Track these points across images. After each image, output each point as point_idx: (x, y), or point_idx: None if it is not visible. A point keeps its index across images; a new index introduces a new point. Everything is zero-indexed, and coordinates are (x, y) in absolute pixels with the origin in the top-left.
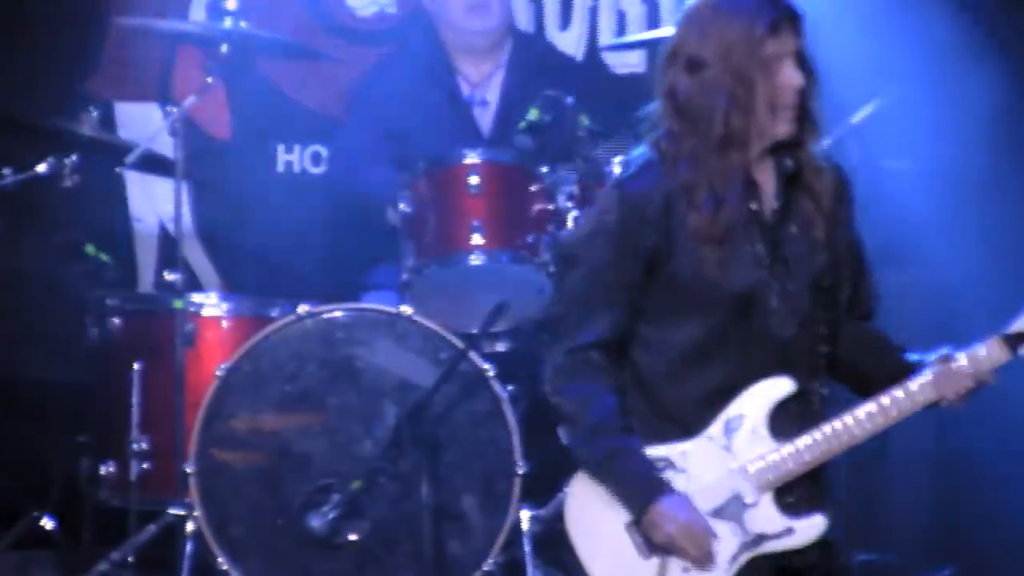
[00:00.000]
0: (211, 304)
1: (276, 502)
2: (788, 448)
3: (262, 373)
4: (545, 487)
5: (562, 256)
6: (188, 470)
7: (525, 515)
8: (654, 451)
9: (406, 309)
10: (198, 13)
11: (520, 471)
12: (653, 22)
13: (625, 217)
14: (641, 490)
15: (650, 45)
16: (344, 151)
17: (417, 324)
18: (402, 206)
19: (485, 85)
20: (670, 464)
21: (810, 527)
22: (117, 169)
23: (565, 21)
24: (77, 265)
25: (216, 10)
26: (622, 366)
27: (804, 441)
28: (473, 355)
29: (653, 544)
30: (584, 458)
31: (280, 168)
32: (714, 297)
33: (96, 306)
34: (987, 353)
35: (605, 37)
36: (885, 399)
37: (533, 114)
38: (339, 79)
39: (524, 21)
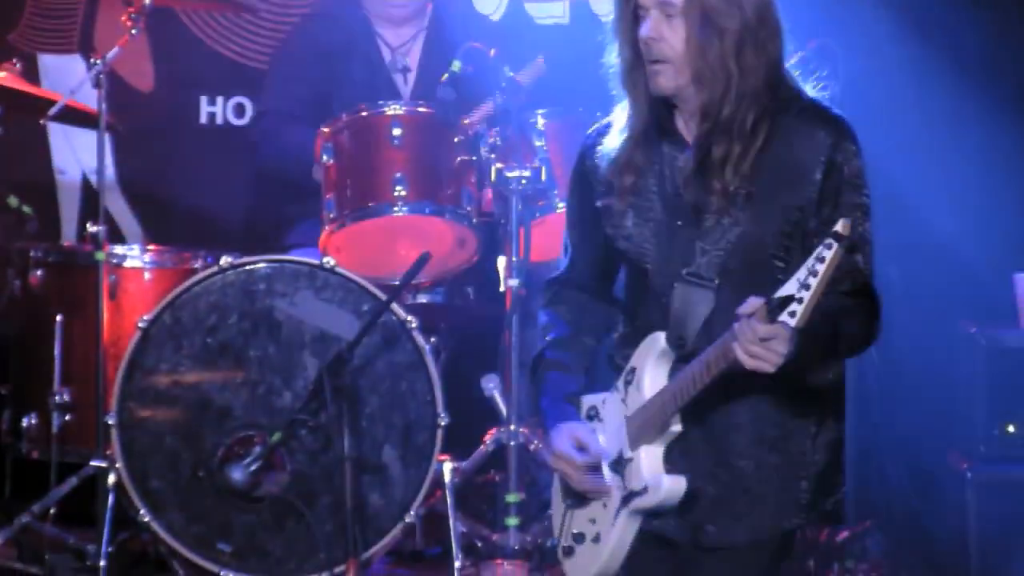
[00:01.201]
0: (133, 256)
1: (196, 454)
2: (648, 401)
3: (183, 325)
4: (466, 439)
5: None
6: (109, 422)
7: (447, 467)
8: (592, 399)
9: (328, 260)
10: None
11: (442, 423)
12: None
13: (576, 165)
14: (547, 425)
15: None
16: (267, 113)
17: (339, 276)
18: (324, 158)
19: (406, 50)
20: (596, 412)
21: (660, 490)
22: (40, 121)
23: None
24: None
25: None
26: (610, 302)
27: (656, 395)
28: (395, 306)
29: (566, 487)
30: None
31: (203, 120)
32: (618, 250)
33: (18, 258)
34: (758, 314)
35: None
36: (703, 358)
37: (455, 65)
38: (261, 31)
39: None
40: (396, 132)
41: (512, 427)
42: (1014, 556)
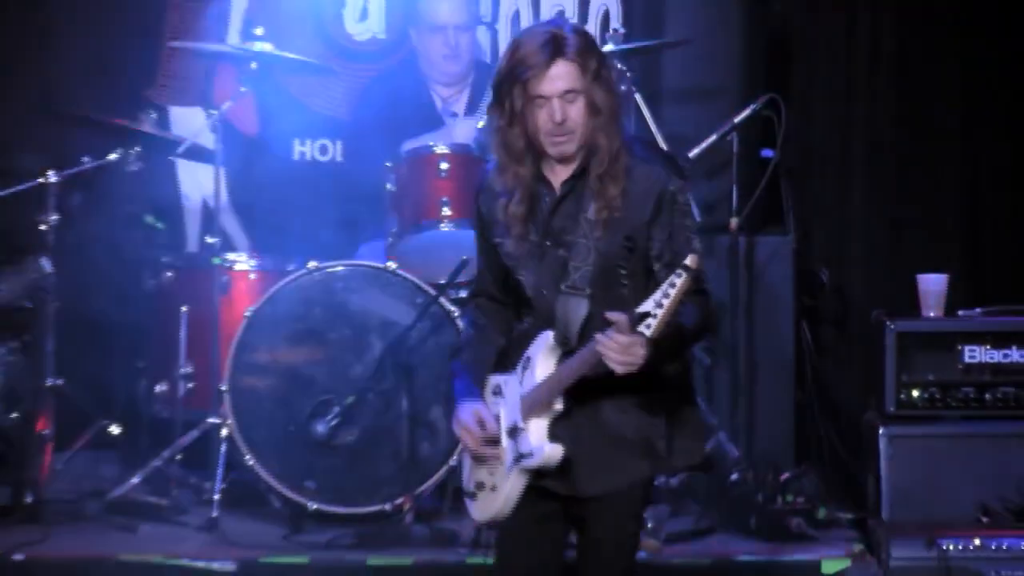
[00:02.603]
0: (241, 261)
1: (288, 413)
2: (538, 384)
3: (279, 315)
4: None
5: None
6: (222, 388)
7: None
8: (496, 379)
9: (391, 264)
10: (234, 38)
11: None
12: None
13: (475, 202)
14: (456, 399)
15: None
16: (353, 145)
17: (399, 276)
18: (389, 186)
19: (454, 102)
20: (500, 389)
21: (542, 454)
22: (170, 157)
23: None
24: (139, 231)
25: (248, 35)
26: (506, 306)
27: (544, 380)
28: (442, 300)
29: None
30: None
31: (295, 156)
32: (514, 265)
33: (153, 263)
34: (621, 325)
35: None
36: (581, 353)
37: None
38: (340, 88)
39: (485, 44)
40: (443, 166)
41: None
42: (915, 492)
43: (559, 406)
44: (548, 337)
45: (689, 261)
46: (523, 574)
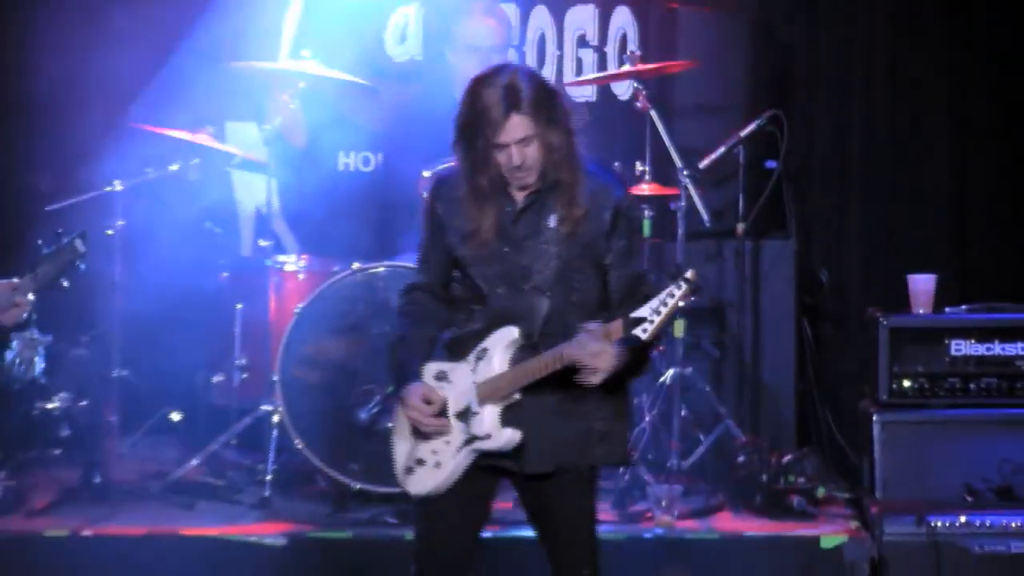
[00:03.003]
0: (290, 263)
1: (334, 401)
2: (499, 375)
3: (325, 311)
4: None
5: None
6: (274, 379)
7: None
8: (440, 366)
9: None
10: (284, 59)
11: None
12: (601, 67)
13: (429, 205)
14: (400, 385)
15: (598, 82)
16: (393, 158)
17: None
18: (425, 195)
19: None
20: (445, 375)
21: (502, 437)
22: (226, 168)
23: (540, 65)
24: (198, 236)
25: (297, 56)
26: (446, 302)
27: (507, 371)
28: None
29: (416, 429)
30: (390, 365)
31: (340, 167)
32: (473, 268)
33: (211, 264)
34: (615, 328)
35: (568, 76)
36: (551, 353)
37: None
38: (381, 105)
39: None
40: None
41: None
42: (905, 473)
43: (517, 396)
44: (511, 332)
45: (689, 274)
46: (445, 546)
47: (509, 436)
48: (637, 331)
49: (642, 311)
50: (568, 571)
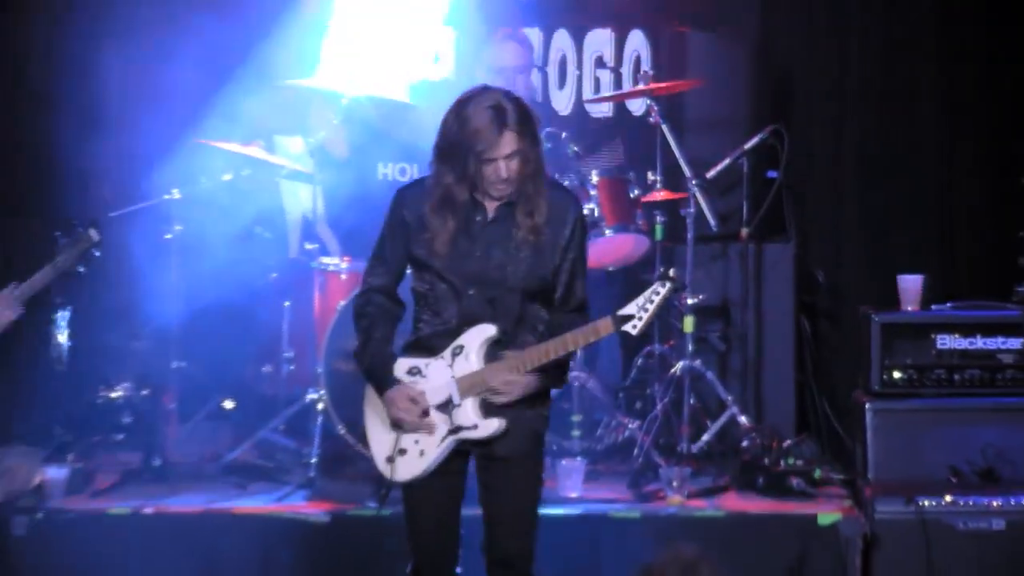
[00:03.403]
0: (334, 264)
1: None
2: (479, 370)
3: None
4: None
5: None
6: (318, 370)
7: None
8: (412, 362)
9: None
10: (326, 77)
11: None
12: (617, 85)
13: (394, 212)
14: (379, 385)
15: (615, 99)
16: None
17: None
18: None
19: None
20: (419, 370)
21: (488, 426)
22: (275, 178)
23: (561, 84)
24: (249, 239)
25: (339, 75)
26: (399, 304)
27: (488, 366)
28: None
29: (396, 423)
30: (361, 363)
31: (379, 177)
32: (445, 271)
33: (261, 265)
34: (604, 325)
35: (587, 93)
36: (539, 347)
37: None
38: (417, 120)
39: (537, 84)
40: None
41: (575, 373)
42: (896, 457)
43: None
44: (488, 329)
45: (672, 274)
46: (432, 518)
47: (497, 425)
48: (627, 327)
49: (629, 308)
50: (506, 541)
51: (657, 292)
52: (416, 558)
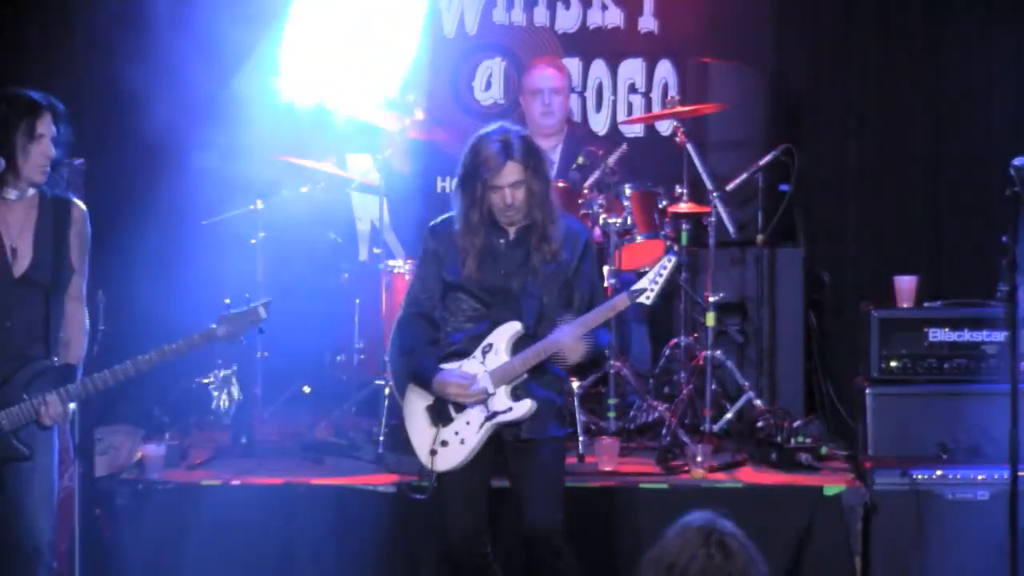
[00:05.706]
0: (399, 267)
1: None
2: (509, 360)
3: None
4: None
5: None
6: (385, 359)
7: (574, 384)
8: (449, 365)
9: None
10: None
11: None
12: (647, 109)
13: (428, 243)
14: (427, 379)
15: (645, 120)
16: None
17: None
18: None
19: (551, 149)
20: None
21: (521, 407)
22: (347, 190)
23: (598, 107)
24: (324, 244)
25: (404, 101)
26: (435, 326)
27: (517, 357)
28: None
29: (437, 415)
30: (408, 369)
31: (438, 190)
32: (474, 288)
33: (335, 267)
34: (621, 300)
35: (620, 116)
36: (543, 343)
37: (580, 160)
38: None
39: (576, 108)
40: None
41: (611, 362)
42: (892, 435)
43: (525, 376)
44: (515, 325)
45: (676, 249)
46: (462, 502)
47: (530, 405)
48: (641, 299)
49: (641, 284)
50: (539, 519)
51: (664, 267)
52: (449, 537)
